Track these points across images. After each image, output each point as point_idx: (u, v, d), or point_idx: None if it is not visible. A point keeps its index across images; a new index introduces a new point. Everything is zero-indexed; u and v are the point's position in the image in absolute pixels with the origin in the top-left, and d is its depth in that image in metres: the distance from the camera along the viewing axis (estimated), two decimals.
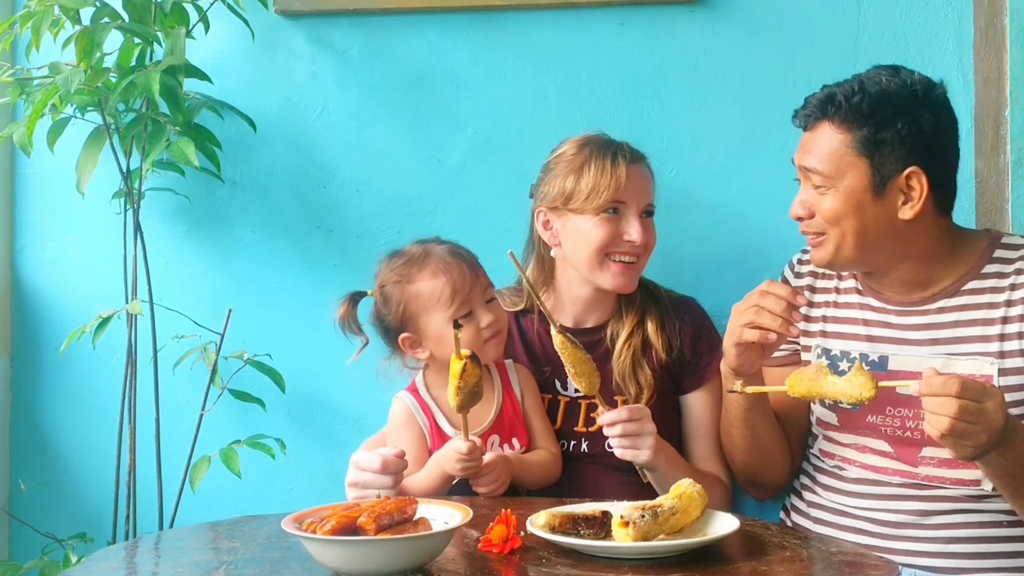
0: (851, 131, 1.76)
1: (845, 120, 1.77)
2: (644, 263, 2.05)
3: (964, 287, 1.81)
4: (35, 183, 2.44)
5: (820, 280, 1.99)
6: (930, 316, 1.83)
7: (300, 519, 1.40)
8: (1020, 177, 2.23)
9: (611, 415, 1.81)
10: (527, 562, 1.41)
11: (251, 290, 2.38)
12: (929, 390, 1.52)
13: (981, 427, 1.51)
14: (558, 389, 2.05)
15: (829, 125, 1.78)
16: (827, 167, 1.77)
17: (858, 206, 1.76)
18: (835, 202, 1.76)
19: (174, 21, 2.20)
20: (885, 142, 1.75)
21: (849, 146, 1.76)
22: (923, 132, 1.77)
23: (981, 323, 1.79)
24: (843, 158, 1.76)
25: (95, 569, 1.44)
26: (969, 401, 1.50)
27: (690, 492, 1.51)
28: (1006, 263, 1.81)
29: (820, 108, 1.80)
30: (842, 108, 1.77)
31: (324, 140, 2.38)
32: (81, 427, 2.41)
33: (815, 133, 1.80)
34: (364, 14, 2.35)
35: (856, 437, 1.86)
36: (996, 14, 2.24)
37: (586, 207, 1.97)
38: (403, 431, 1.93)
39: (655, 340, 2.03)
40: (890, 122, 1.75)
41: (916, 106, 1.77)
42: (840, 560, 1.44)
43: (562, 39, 2.33)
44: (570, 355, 1.79)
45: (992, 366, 1.76)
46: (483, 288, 1.93)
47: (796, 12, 2.28)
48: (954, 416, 1.49)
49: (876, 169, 1.75)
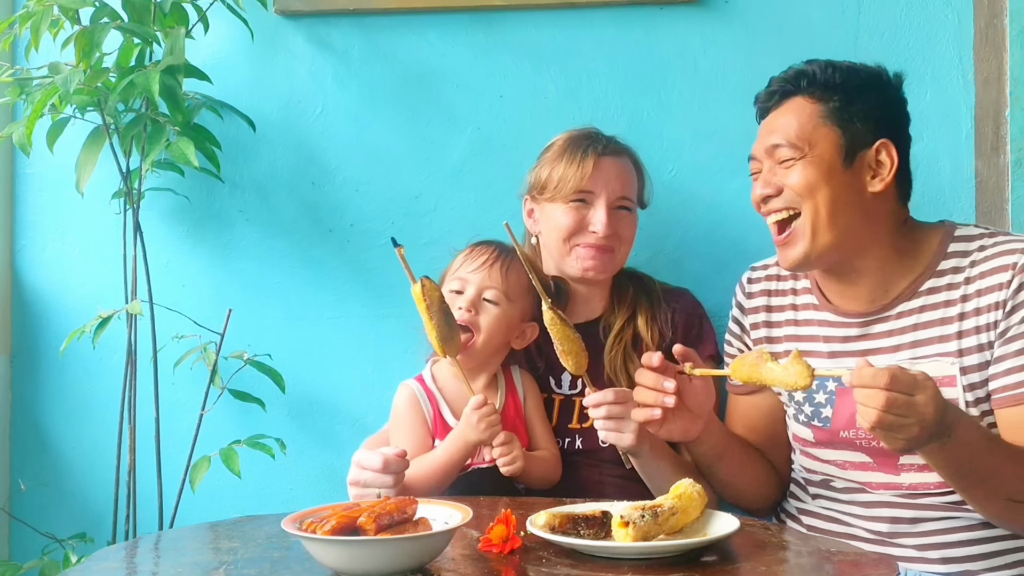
0: (823, 101, 1.78)
1: (818, 90, 1.79)
2: (620, 256, 2.05)
3: (921, 288, 1.79)
4: (35, 183, 2.45)
5: (775, 298, 1.96)
6: (890, 323, 1.80)
7: (300, 519, 1.40)
8: (1020, 177, 2.23)
9: (596, 396, 1.81)
10: (527, 562, 1.40)
11: (251, 290, 2.38)
12: (859, 381, 1.50)
13: (912, 420, 1.48)
14: (552, 387, 2.05)
15: (801, 98, 1.80)
16: (798, 137, 1.76)
17: (829, 173, 1.75)
18: (807, 170, 1.75)
19: (173, 21, 2.20)
20: (856, 114, 1.77)
21: (821, 115, 1.77)
22: (891, 109, 1.81)
23: (939, 323, 1.76)
24: (816, 128, 1.76)
25: (95, 569, 1.44)
26: (898, 394, 1.47)
27: (690, 492, 1.51)
28: (962, 256, 1.78)
29: (793, 82, 1.82)
30: (816, 79, 1.79)
31: (324, 140, 2.38)
32: (81, 427, 2.41)
33: (784, 109, 1.81)
34: (364, 14, 2.36)
35: (834, 452, 1.84)
36: (996, 14, 2.24)
37: (555, 195, 2.02)
38: (407, 416, 1.93)
39: (645, 333, 2.04)
40: (861, 94, 1.78)
41: (884, 84, 1.82)
42: (840, 560, 1.44)
43: (562, 39, 2.34)
44: (559, 331, 1.79)
45: (953, 366, 1.73)
46: (487, 280, 1.92)
47: (796, 12, 2.29)
48: (882, 408, 1.47)
49: (847, 139, 1.76)
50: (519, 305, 1.94)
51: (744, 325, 2.01)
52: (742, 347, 2.01)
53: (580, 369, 1.81)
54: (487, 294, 1.92)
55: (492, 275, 1.92)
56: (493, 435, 1.81)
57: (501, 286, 1.92)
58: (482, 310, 1.92)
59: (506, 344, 1.96)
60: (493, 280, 1.92)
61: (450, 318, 1.81)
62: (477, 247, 1.98)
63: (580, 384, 2.02)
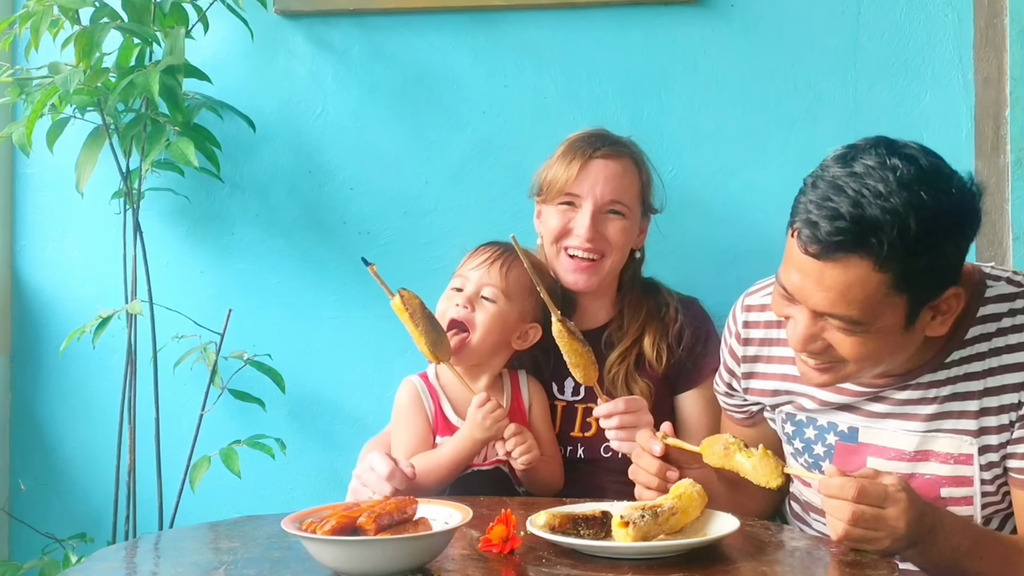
0: (892, 268, 1.42)
1: (892, 260, 1.41)
2: (610, 262, 2.01)
3: (948, 359, 1.59)
4: (35, 183, 2.45)
5: (775, 348, 1.75)
6: (910, 391, 1.62)
7: (300, 519, 1.39)
8: (1020, 177, 2.23)
9: (608, 406, 1.81)
10: (527, 562, 1.40)
11: (251, 290, 2.38)
12: (827, 491, 1.42)
13: (881, 533, 1.40)
14: (555, 394, 2.03)
15: (862, 260, 1.41)
16: (862, 313, 1.44)
17: (890, 339, 1.49)
18: (867, 344, 1.47)
19: (173, 21, 2.21)
20: (931, 269, 1.44)
21: (889, 285, 1.43)
22: (965, 246, 1.49)
23: (962, 397, 1.59)
24: (883, 300, 1.44)
25: (95, 569, 1.44)
26: (866, 507, 1.39)
27: (690, 492, 1.51)
28: (992, 321, 1.58)
29: (859, 237, 1.41)
30: (895, 247, 1.40)
31: (324, 140, 2.38)
32: (81, 427, 2.41)
33: (841, 267, 1.42)
34: (364, 14, 2.36)
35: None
36: (996, 14, 2.24)
37: (547, 197, 2.02)
38: (408, 412, 1.92)
39: (651, 353, 2.01)
40: (937, 249, 1.44)
41: (962, 217, 1.47)
42: (840, 560, 1.44)
43: (562, 39, 2.33)
44: (567, 345, 1.79)
45: (972, 445, 1.59)
46: (486, 277, 1.92)
47: (796, 12, 2.28)
48: (848, 522, 1.40)
49: (914, 300, 1.46)
50: (518, 305, 1.93)
51: (736, 372, 1.83)
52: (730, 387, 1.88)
53: (589, 381, 1.81)
54: (485, 291, 1.92)
55: (491, 273, 1.92)
56: (500, 430, 1.81)
57: (499, 284, 1.92)
58: (479, 307, 1.91)
59: (505, 344, 1.95)
60: (492, 278, 1.92)
61: (435, 323, 1.81)
62: (483, 247, 1.98)
63: (583, 391, 2.01)
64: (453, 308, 1.90)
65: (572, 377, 2.00)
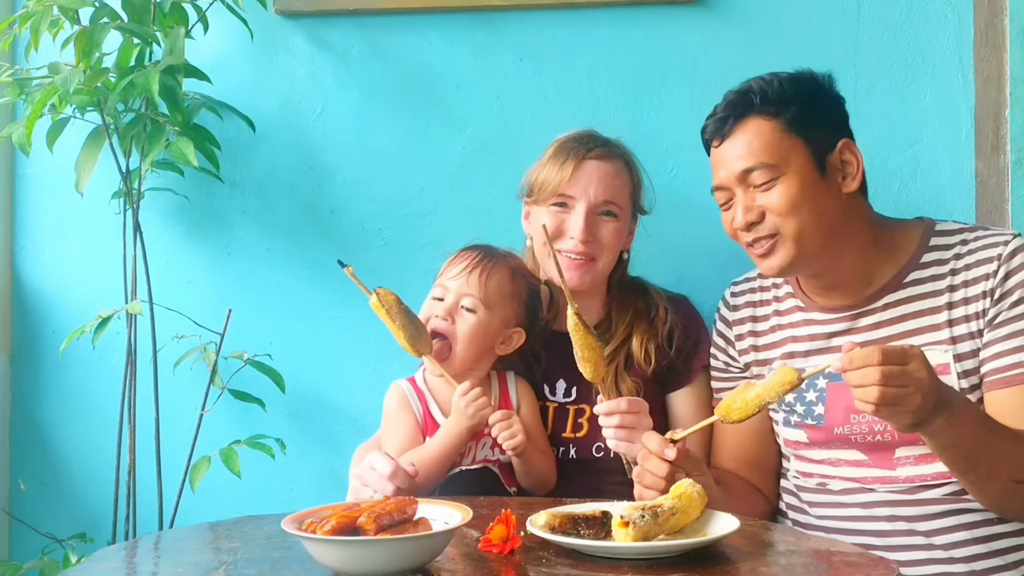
0: (779, 115, 1.77)
1: (771, 105, 1.77)
2: (600, 265, 2.00)
3: (906, 279, 1.81)
4: (35, 183, 2.45)
5: (759, 308, 1.97)
6: (877, 314, 1.82)
7: (300, 519, 1.40)
8: (1020, 177, 2.23)
9: (609, 404, 1.79)
10: (527, 562, 1.40)
11: (251, 290, 2.38)
12: (850, 365, 1.50)
13: (911, 389, 1.48)
14: (547, 395, 2.03)
15: (756, 117, 1.78)
16: (770, 156, 1.75)
17: (811, 185, 1.75)
18: (789, 189, 1.74)
19: (173, 21, 2.20)
20: (814, 120, 1.77)
21: (783, 130, 1.76)
22: (839, 108, 1.84)
23: (928, 312, 1.78)
24: (782, 142, 1.75)
25: (95, 569, 1.44)
26: (892, 366, 1.47)
27: (690, 492, 1.51)
28: (944, 249, 1.81)
29: (743, 102, 1.80)
30: (768, 95, 1.78)
31: (324, 140, 2.38)
32: (81, 427, 2.41)
33: (741, 131, 1.79)
34: (364, 14, 2.36)
35: (829, 452, 1.84)
36: (996, 14, 2.24)
37: (538, 199, 2.01)
38: (397, 415, 1.93)
39: (639, 354, 2.01)
40: (812, 99, 1.79)
41: (826, 86, 1.84)
42: (840, 560, 1.44)
43: (562, 39, 2.34)
44: (582, 339, 1.76)
45: (946, 353, 1.75)
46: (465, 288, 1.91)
47: (796, 12, 2.29)
48: (880, 382, 1.47)
49: (813, 146, 1.76)
50: (499, 312, 1.93)
51: (729, 337, 2.00)
52: (727, 360, 2.00)
53: (597, 377, 1.79)
54: (464, 302, 1.91)
55: (470, 282, 1.91)
56: (484, 417, 1.82)
57: (478, 294, 1.91)
58: (459, 318, 1.91)
59: (489, 350, 1.95)
60: (471, 287, 1.91)
61: (413, 318, 1.83)
62: (461, 252, 1.97)
63: (575, 393, 2.01)
64: (434, 319, 1.90)
65: (563, 379, 2.00)
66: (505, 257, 1.98)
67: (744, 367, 1.98)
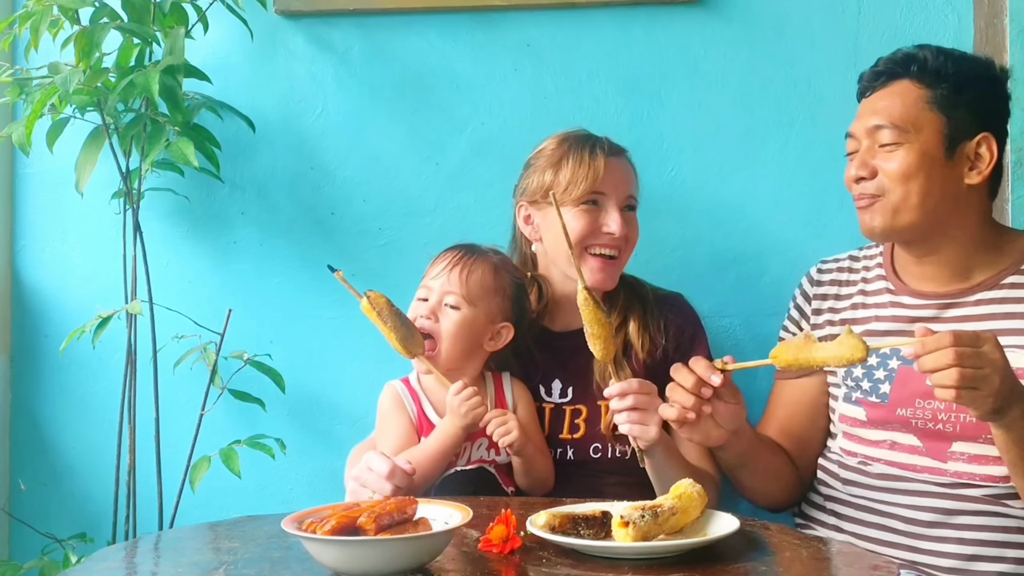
0: (931, 87, 1.77)
1: (928, 76, 1.77)
2: (625, 259, 2.01)
3: (1004, 281, 1.79)
4: (35, 183, 2.45)
5: (844, 287, 1.97)
6: (967, 308, 1.80)
7: (300, 519, 1.40)
8: (1020, 177, 2.23)
9: (621, 385, 1.74)
10: (527, 562, 1.40)
11: (251, 290, 2.38)
12: (926, 347, 1.49)
13: (987, 369, 1.48)
14: (543, 396, 2.02)
15: (909, 81, 1.79)
16: (903, 119, 1.76)
17: (930, 163, 1.75)
18: (908, 156, 1.75)
19: (173, 21, 2.20)
20: (963, 103, 1.76)
21: (928, 100, 1.76)
22: (997, 102, 1.81)
23: (1020, 316, 1.76)
24: (921, 112, 1.76)
25: (95, 569, 1.44)
26: (965, 347, 1.47)
27: (690, 492, 1.51)
28: None
29: (902, 64, 1.80)
30: (927, 65, 1.78)
31: (324, 140, 2.38)
32: (81, 427, 2.41)
33: (889, 91, 1.80)
34: (364, 14, 2.36)
35: (885, 433, 1.82)
36: (996, 14, 2.24)
37: (565, 198, 1.96)
38: (391, 415, 1.93)
39: (636, 341, 2.00)
40: (970, 84, 1.77)
41: (992, 77, 1.82)
42: (840, 560, 1.44)
43: (562, 39, 2.34)
44: (591, 314, 1.71)
45: None
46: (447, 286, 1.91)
47: (796, 12, 2.29)
48: (955, 363, 1.47)
49: (951, 128, 1.75)
50: (483, 307, 1.92)
51: (806, 311, 2.00)
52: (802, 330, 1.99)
53: (608, 355, 1.74)
54: (447, 299, 1.91)
55: (451, 280, 1.91)
56: (478, 416, 1.81)
57: (460, 290, 1.90)
58: (443, 316, 1.90)
59: (477, 347, 1.93)
60: (452, 285, 1.90)
61: (404, 319, 1.83)
62: (444, 252, 1.97)
63: (571, 393, 2.01)
64: (420, 319, 1.90)
65: (559, 380, 2.00)
66: (487, 253, 1.97)
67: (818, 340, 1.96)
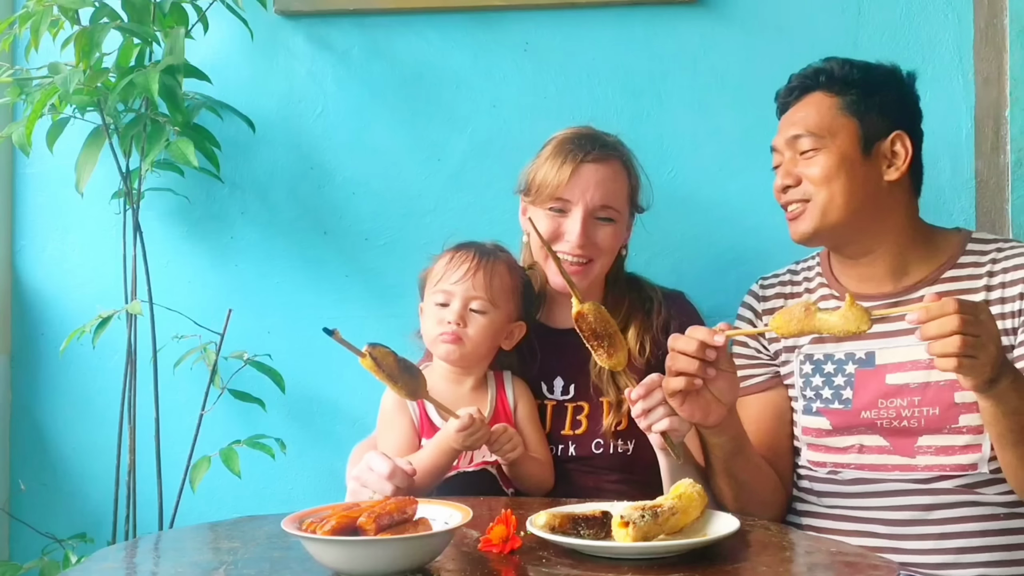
0: (841, 94, 1.87)
1: (836, 85, 1.88)
2: (598, 267, 1.99)
3: (943, 276, 1.85)
4: (35, 183, 2.45)
5: (790, 300, 1.97)
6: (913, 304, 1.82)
7: (300, 519, 1.39)
8: (1020, 177, 2.23)
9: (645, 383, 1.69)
10: (527, 562, 1.40)
11: (251, 290, 2.38)
12: (927, 315, 1.52)
13: (985, 337, 1.51)
14: (544, 393, 2.02)
15: (820, 92, 1.89)
16: (819, 127, 1.85)
17: (850, 164, 1.83)
18: (827, 160, 1.83)
19: (173, 21, 2.21)
20: (873, 106, 1.85)
21: (840, 107, 1.86)
22: (905, 103, 1.90)
23: None
24: (834, 118, 1.85)
25: (95, 569, 1.44)
26: (967, 314, 1.50)
27: (690, 492, 1.51)
28: (980, 255, 1.86)
29: (812, 77, 1.91)
30: (834, 74, 1.89)
31: (324, 140, 2.38)
32: (81, 427, 2.41)
33: (803, 103, 1.90)
34: (364, 14, 2.36)
35: (852, 438, 1.84)
36: (996, 14, 2.24)
37: (536, 200, 1.98)
38: (394, 416, 1.92)
39: (634, 347, 1.98)
40: (878, 88, 1.88)
41: (898, 80, 1.91)
42: (840, 560, 1.44)
43: (562, 39, 2.34)
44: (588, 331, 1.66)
45: None
46: (472, 291, 1.89)
47: (796, 12, 2.29)
48: (959, 329, 1.48)
49: (864, 129, 1.84)
50: (505, 309, 1.92)
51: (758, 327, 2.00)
52: (758, 347, 1.99)
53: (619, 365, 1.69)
54: (474, 304, 1.89)
55: (476, 284, 1.89)
56: (480, 442, 1.79)
57: (486, 294, 1.89)
58: (471, 321, 1.89)
59: (496, 347, 1.94)
60: (478, 289, 1.89)
61: (409, 367, 1.75)
62: (457, 253, 1.94)
63: (572, 390, 2.00)
64: (445, 326, 1.88)
65: (561, 376, 2.00)
66: (499, 253, 1.96)
67: (773, 355, 1.97)
